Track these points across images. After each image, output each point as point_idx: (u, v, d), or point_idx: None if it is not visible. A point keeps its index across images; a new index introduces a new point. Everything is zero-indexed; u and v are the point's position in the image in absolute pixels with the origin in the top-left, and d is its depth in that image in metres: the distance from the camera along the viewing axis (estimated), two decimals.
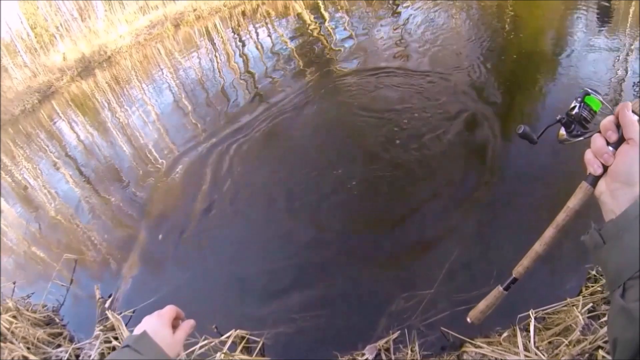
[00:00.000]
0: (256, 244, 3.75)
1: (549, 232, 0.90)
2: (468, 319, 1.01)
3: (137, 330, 0.99)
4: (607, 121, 0.77)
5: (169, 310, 1.05)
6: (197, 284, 3.51)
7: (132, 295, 3.57)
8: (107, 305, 3.40)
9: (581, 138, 0.87)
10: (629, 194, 0.73)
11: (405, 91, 5.54)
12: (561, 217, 0.87)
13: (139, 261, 3.98)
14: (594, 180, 0.80)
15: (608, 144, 0.76)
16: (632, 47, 5.69)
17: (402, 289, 2.77)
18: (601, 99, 0.88)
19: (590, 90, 0.87)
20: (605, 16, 7.23)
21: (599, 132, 0.79)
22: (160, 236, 4.06)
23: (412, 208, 3.59)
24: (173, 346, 1.00)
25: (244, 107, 6.38)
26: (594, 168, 0.78)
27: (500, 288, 1.00)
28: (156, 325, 1.00)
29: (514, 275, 0.97)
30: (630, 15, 7.02)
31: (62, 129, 9.24)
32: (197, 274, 3.61)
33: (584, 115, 0.87)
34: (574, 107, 0.88)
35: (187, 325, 1.07)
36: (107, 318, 3.18)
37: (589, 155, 0.79)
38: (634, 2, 7.59)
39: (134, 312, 3.30)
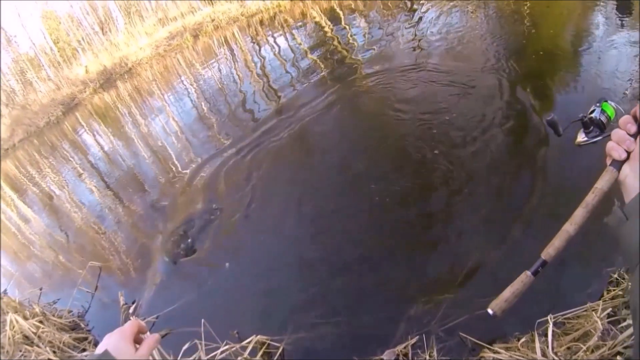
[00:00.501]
0: (279, 252, 3.75)
1: (579, 212, 0.92)
2: (489, 310, 0.93)
3: (99, 349, 0.97)
4: (626, 117, 0.84)
5: (131, 326, 1.02)
6: (219, 291, 3.52)
7: (156, 301, 3.58)
8: (131, 310, 3.44)
9: (599, 138, 0.96)
10: None
11: (434, 92, 5.53)
12: (590, 197, 0.90)
13: (161, 269, 3.99)
14: (619, 165, 0.86)
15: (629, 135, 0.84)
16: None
17: (422, 294, 2.74)
18: (616, 106, 0.96)
19: (606, 98, 0.97)
20: (625, 11, 7.10)
21: (618, 127, 0.85)
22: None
23: (432, 211, 3.59)
24: None
25: (265, 115, 6.39)
26: (619, 153, 0.84)
27: (528, 272, 0.93)
28: (118, 342, 0.98)
29: (543, 258, 0.92)
30: None
31: (86, 140, 9.40)
32: (219, 281, 3.62)
33: (601, 119, 0.95)
34: (593, 110, 0.97)
35: (152, 339, 1.03)
36: None
37: (611, 144, 0.86)
38: None
39: (157, 318, 3.32)
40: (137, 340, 1.02)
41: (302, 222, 3.97)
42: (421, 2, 10.88)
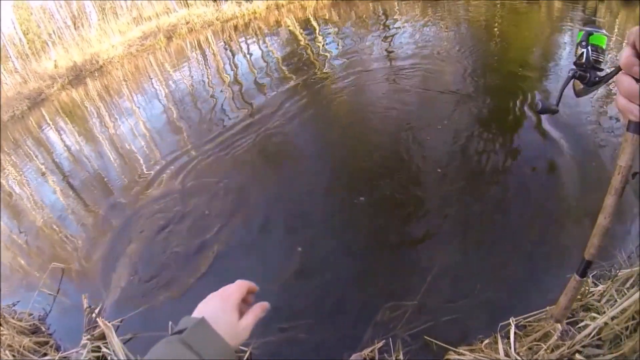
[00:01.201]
0: (243, 255, 3.84)
1: (610, 201, 0.83)
2: (552, 319, 0.98)
3: (196, 313, 0.82)
4: (627, 56, 0.67)
5: (239, 289, 0.88)
6: (186, 294, 3.54)
7: (121, 304, 3.58)
8: (95, 314, 3.40)
9: (602, 84, 0.83)
10: None
11: (404, 101, 5.80)
12: (617, 181, 0.79)
13: (127, 271, 4.00)
14: (637, 127, 0.73)
15: (637, 81, 0.67)
16: (616, 60, 6.01)
17: (387, 300, 2.87)
18: (605, 33, 0.82)
19: (590, 29, 0.83)
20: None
21: (620, 70, 0.69)
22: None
23: (398, 218, 3.76)
24: (237, 336, 0.81)
25: (235, 121, 6.55)
26: (635, 113, 0.69)
27: (576, 276, 0.99)
28: (220, 309, 0.83)
29: (587, 259, 0.92)
30: (615, 30, 7.35)
31: (51, 138, 9.27)
32: (186, 285, 3.64)
33: (594, 57, 0.82)
34: (582, 53, 0.83)
35: (259, 308, 0.89)
36: (95, 327, 3.21)
37: (622, 101, 0.71)
38: (617, 19, 7.96)
39: (121, 321, 3.32)
40: (243, 304, 0.89)
41: (267, 226, 4.09)
42: (395, 17, 11.20)
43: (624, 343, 2.03)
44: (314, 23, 12.13)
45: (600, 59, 0.83)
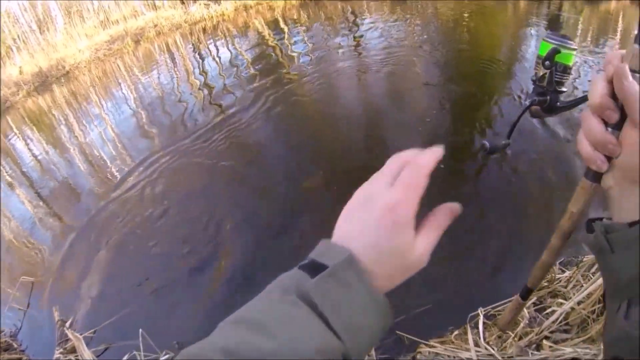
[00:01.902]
0: (216, 258, 3.89)
1: (556, 242, 0.77)
2: (499, 329, 1.01)
3: (341, 233, 0.55)
4: (601, 95, 0.57)
5: (417, 186, 0.53)
6: (158, 300, 3.58)
7: (92, 315, 3.58)
8: (67, 326, 3.40)
9: (562, 111, 0.73)
10: (636, 196, 0.56)
11: (372, 101, 5.94)
12: (566, 225, 0.73)
13: (97, 280, 4.01)
14: (598, 177, 0.62)
15: (606, 124, 0.57)
16: (584, 50, 6.38)
17: None
18: (573, 45, 0.69)
19: (557, 42, 0.68)
20: (555, 29, 7.95)
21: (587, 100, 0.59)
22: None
23: None
24: (407, 271, 0.54)
25: (203, 122, 6.64)
26: (598, 164, 0.59)
27: (519, 298, 1.00)
28: (383, 230, 0.52)
29: (528, 286, 0.93)
30: (579, 26, 7.67)
31: (17, 146, 9.14)
32: (157, 290, 3.68)
33: (558, 79, 0.70)
34: (544, 75, 0.69)
35: (444, 217, 0.57)
36: (67, 340, 3.20)
37: (586, 147, 0.60)
38: (583, 12, 8.33)
39: (94, 332, 3.33)
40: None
41: (238, 228, 4.16)
42: (364, 16, 11.36)
43: (591, 327, 2.11)
44: (283, 24, 12.21)
45: (564, 80, 0.70)
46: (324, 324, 0.47)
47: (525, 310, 2.25)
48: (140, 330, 2.79)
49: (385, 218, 0.52)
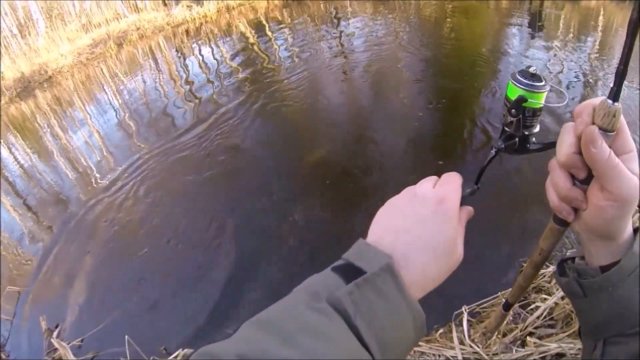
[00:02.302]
0: (203, 263, 3.95)
1: (529, 271, 0.82)
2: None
3: (383, 233, 0.56)
4: (567, 154, 0.57)
5: (458, 186, 0.61)
6: (145, 306, 3.63)
7: (80, 323, 3.61)
8: (54, 335, 3.41)
9: (529, 153, 0.72)
10: (611, 246, 0.58)
11: (357, 102, 6.01)
12: (537, 259, 0.76)
13: (84, 288, 4.04)
14: (566, 223, 0.65)
15: (573, 177, 0.59)
16: (566, 46, 6.54)
17: None
18: (546, 87, 0.65)
19: (526, 89, 0.64)
20: (535, 25, 8.20)
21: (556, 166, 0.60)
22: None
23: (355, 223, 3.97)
24: (452, 268, 0.57)
25: (188, 125, 6.73)
26: (564, 215, 0.61)
27: (502, 309, 1.06)
28: (432, 224, 0.55)
29: (509, 301, 0.97)
30: (560, 26, 7.84)
31: (1, 154, 9.07)
32: (144, 296, 3.74)
33: (528, 123, 0.67)
34: (512, 122, 0.67)
35: (465, 214, 0.63)
36: (55, 350, 3.23)
37: (553, 197, 0.61)
38: (564, 9, 8.52)
39: (82, 341, 3.36)
40: None
41: (227, 232, 4.23)
42: (347, 15, 11.44)
43: (575, 321, 2.06)
44: (266, 25, 12.24)
45: (535, 123, 0.67)
46: (354, 336, 0.45)
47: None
48: (127, 337, 2.85)
49: (438, 211, 0.56)
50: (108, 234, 4.72)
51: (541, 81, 0.64)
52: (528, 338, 2.04)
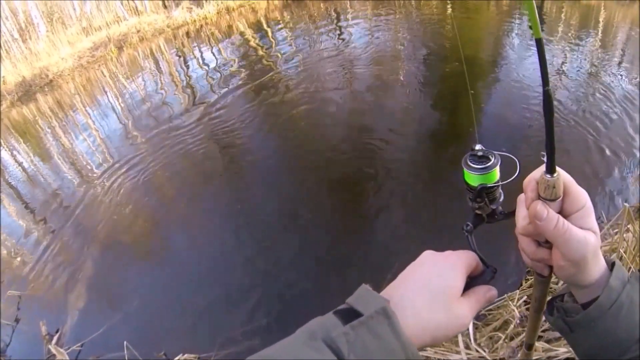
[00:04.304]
0: (203, 267, 3.94)
1: (532, 315, 0.85)
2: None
3: (388, 290, 0.62)
4: (523, 227, 0.64)
5: (469, 261, 0.66)
6: (145, 311, 3.63)
7: (80, 328, 3.60)
8: (54, 341, 3.41)
9: (496, 222, 0.75)
10: (586, 289, 0.63)
11: (359, 106, 6.01)
12: (534, 305, 0.79)
13: (84, 292, 4.03)
14: (544, 275, 0.69)
15: (538, 242, 0.65)
16: (567, 45, 6.55)
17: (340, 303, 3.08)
18: (494, 164, 0.68)
19: (480, 174, 0.68)
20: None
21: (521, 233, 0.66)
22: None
23: (359, 224, 4.00)
24: (450, 330, 0.59)
25: (188, 125, 6.73)
26: (538, 271, 0.68)
27: (525, 350, 0.99)
28: (435, 277, 0.61)
29: (528, 342, 0.94)
30: (563, 16, 7.83)
31: (3, 158, 9.08)
32: (144, 301, 3.73)
33: (490, 199, 0.71)
34: (475, 208, 0.72)
35: (487, 292, 0.66)
36: (55, 355, 3.24)
37: (525, 258, 0.68)
38: (564, 4, 8.53)
39: (82, 346, 3.35)
40: None
41: (226, 238, 4.23)
42: (347, 16, 11.43)
43: None
44: (266, 26, 12.26)
45: (496, 194, 0.71)
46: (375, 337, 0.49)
47: (515, 309, 2.25)
48: (125, 342, 2.85)
49: (439, 262, 0.63)
50: (108, 238, 4.72)
51: (490, 159, 0.68)
52: (536, 344, 1.97)
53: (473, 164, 0.68)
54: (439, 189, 4.16)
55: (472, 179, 0.68)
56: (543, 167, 0.60)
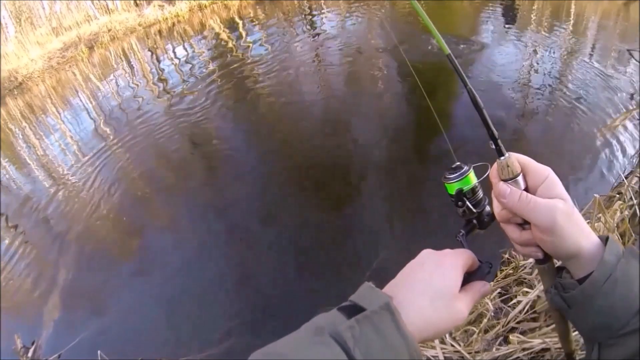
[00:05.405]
0: (179, 270, 3.93)
1: (555, 317, 0.84)
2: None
3: (390, 288, 0.65)
4: (499, 213, 0.70)
5: (466, 259, 0.69)
6: (121, 317, 3.61)
7: (56, 339, 3.56)
8: (30, 354, 3.37)
9: (487, 226, 0.79)
10: (578, 263, 0.65)
11: (333, 98, 6.05)
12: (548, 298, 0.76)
13: (59, 301, 3.99)
14: (542, 261, 0.72)
15: (522, 225, 0.69)
16: (536, 40, 6.68)
17: (325, 304, 3.07)
18: (467, 169, 0.73)
19: (457, 180, 0.73)
20: (508, 14, 8.34)
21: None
22: None
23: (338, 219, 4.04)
24: (447, 324, 0.62)
25: (163, 126, 6.71)
26: (533, 255, 0.71)
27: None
28: (431, 276, 0.63)
29: (566, 352, 0.90)
30: (533, 17, 7.96)
31: None
32: (120, 307, 3.71)
33: (473, 204, 0.75)
34: (463, 211, 0.76)
35: (481, 287, 0.70)
36: None
37: (520, 250, 0.72)
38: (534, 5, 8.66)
39: (59, 356, 3.32)
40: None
41: (203, 241, 4.21)
42: (321, 11, 11.44)
43: None
44: (239, 22, 12.19)
45: (479, 198, 0.75)
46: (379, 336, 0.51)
47: (489, 302, 2.24)
48: (99, 352, 2.84)
49: (438, 263, 0.65)
50: (82, 245, 4.68)
51: (463, 167, 0.73)
52: (510, 337, 1.99)
53: (448, 175, 0.74)
54: (420, 185, 4.22)
55: (450, 188, 0.74)
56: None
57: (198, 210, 4.64)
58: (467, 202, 0.73)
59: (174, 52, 11.34)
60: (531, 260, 2.47)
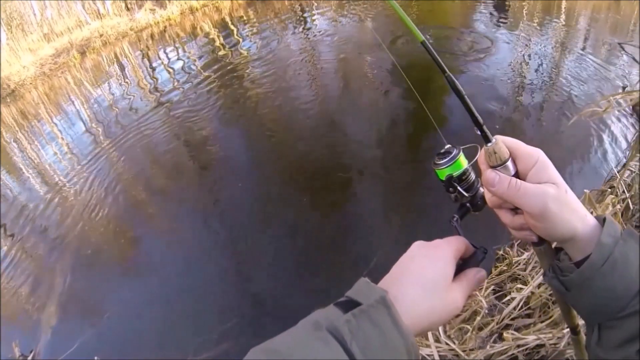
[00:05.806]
0: (174, 273, 3.94)
1: (559, 303, 0.84)
2: None
3: (385, 282, 0.65)
4: (489, 199, 0.71)
5: (458, 246, 0.69)
6: (118, 322, 3.61)
7: (54, 345, 3.55)
8: None
9: (481, 209, 0.78)
10: (574, 245, 0.64)
11: (326, 97, 6.04)
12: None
13: (57, 308, 3.98)
14: (538, 243, 0.71)
15: (514, 210, 0.69)
16: (529, 38, 6.72)
17: (324, 303, 3.09)
18: (457, 152, 0.73)
19: (447, 166, 0.72)
20: (500, 10, 8.38)
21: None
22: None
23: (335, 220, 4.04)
24: (443, 315, 0.62)
25: (156, 130, 6.70)
26: (527, 239, 0.70)
27: (571, 334, 0.95)
28: (426, 269, 0.63)
29: (569, 325, 0.90)
30: (525, 10, 8.00)
31: None
32: (117, 312, 3.71)
33: (465, 188, 0.74)
34: (455, 197, 0.76)
35: (476, 275, 0.69)
36: None
37: (516, 234, 0.71)
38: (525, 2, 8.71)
39: None
40: None
41: (198, 243, 4.22)
42: (313, 12, 11.44)
43: (552, 309, 2.08)
44: (231, 24, 12.17)
45: (471, 182, 0.74)
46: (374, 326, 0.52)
47: (483, 299, 2.22)
48: (96, 358, 2.85)
49: (429, 254, 0.65)
50: (78, 251, 4.66)
51: (452, 151, 0.73)
52: (505, 334, 2.00)
53: (438, 161, 0.73)
54: (416, 181, 4.23)
55: (441, 173, 0.73)
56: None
57: (195, 213, 4.64)
58: (459, 187, 0.73)
59: (167, 56, 11.29)
60: (525, 256, 2.53)
